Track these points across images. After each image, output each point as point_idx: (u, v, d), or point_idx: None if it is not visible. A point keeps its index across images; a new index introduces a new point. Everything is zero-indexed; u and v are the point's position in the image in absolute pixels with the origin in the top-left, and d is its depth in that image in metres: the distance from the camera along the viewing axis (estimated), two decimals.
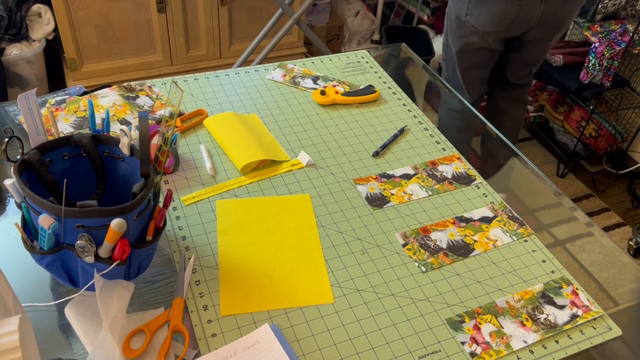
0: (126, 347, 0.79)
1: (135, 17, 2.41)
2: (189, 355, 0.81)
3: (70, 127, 1.17)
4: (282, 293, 0.91)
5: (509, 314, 0.92)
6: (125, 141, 0.85)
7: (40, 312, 0.85)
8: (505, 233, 1.06)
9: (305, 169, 1.16)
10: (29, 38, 2.42)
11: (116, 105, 1.24)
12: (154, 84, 1.33)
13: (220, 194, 1.08)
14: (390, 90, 1.42)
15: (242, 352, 0.81)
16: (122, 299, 0.83)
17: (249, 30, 2.68)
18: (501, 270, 0.99)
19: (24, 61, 2.36)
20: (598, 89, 2.50)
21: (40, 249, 0.81)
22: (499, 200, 1.14)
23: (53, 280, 0.90)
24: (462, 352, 0.86)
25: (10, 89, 2.38)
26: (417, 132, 1.29)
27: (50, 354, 0.80)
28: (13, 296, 0.70)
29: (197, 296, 0.89)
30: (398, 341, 0.86)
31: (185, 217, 1.02)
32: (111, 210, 0.76)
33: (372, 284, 0.94)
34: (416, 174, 1.18)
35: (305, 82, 1.41)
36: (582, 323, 0.92)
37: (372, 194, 1.12)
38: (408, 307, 0.91)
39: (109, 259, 0.79)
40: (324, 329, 0.87)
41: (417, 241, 1.03)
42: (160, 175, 0.87)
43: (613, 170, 2.70)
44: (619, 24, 2.40)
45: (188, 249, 0.96)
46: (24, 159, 0.82)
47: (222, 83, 1.38)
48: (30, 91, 0.83)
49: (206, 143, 1.19)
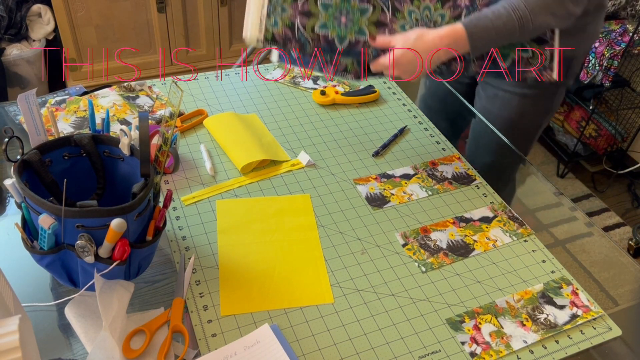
0: (126, 347, 0.79)
1: (135, 17, 2.41)
2: (189, 355, 0.81)
3: (70, 127, 1.17)
4: (282, 293, 0.91)
5: (509, 314, 0.92)
6: (125, 141, 0.85)
7: (40, 312, 0.85)
8: (505, 233, 1.06)
9: (305, 169, 1.16)
10: (29, 38, 2.42)
11: (116, 105, 1.24)
12: (154, 84, 1.33)
13: (220, 194, 1.08)
14: (390, 90, 1.42)
15: (242, 352, 0.81)
16: (122, 299, 0.83)
17: None
18: (501, 270, 0.99)
19: (24, 61, 2.36)
20: (598, 89, 2.50)
21: (40, 249, 0.81)
22: (499, 200, 1.13)
23: (53, 280, 0.90)
24: (462, 352, 0.86)
25: (10, 89, 2.38)
26: (417, 132, 1.29)
27: (50, 354, 0.80)
28: (13, 296, 0.70)
29: (197, 296, 0.89)
30: (398, 341, 0.86)
31: (185, 217, 1.02)
32: (111, 210, 0.76)
33: (372, 284, 0.94)
34: (416, 174, 1.18)
35: (305, 82, 1.41)
36: (582, 323, 0.92)
37: (372, 194, 1.12)
38: (408, 307, 0.91)
39: (109, 259, 0.79)
40: (324, 329, 0.87)
41: (417, 241, 1.03)
42: (160, 175, 0.87)
43: (613, 170, 2.70)
44: (619, 24, 2.40)
45: (188, 249, 0.96)
46: (24, 159, 0.82)
47: (222, 83, 1.38)
48: (30, 91, 0.83)
49: (206, 143, 1.19)
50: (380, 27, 1.03)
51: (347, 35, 1.02)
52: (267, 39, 1.02)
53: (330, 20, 1.01)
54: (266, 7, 1.00)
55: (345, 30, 1.02)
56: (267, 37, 1.02)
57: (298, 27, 1.01)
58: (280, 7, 1.01)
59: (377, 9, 1.03)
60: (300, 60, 1.09)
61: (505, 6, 0.98)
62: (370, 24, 1.02)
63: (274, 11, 1.00)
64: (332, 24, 1.01)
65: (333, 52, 1.04)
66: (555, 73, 1.07)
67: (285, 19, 1.01)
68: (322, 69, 1.08)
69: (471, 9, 1.02)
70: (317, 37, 1.02)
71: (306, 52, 1.04)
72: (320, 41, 1.02)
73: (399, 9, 1.02)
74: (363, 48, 1.03)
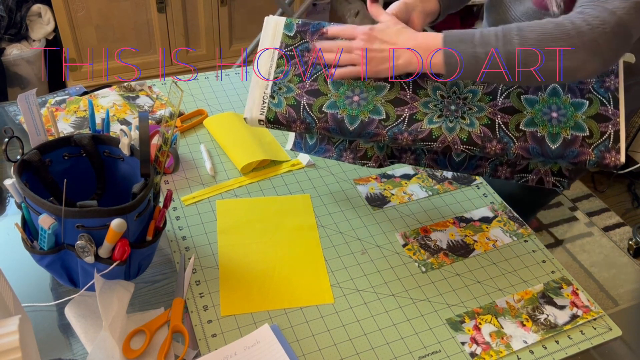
0: (126, 347, 0.79)
1: (135, 17, 2.40)
2: (189, 355, 0.81)
3: (70, 127, 1.17)
4: (282, 293, 0.91)
5: (509, 314, 0.92)
6: (125, 141, 0.85)
7: (40, 312, 0.85)
8: (505, 233, 1.06)
9: (305, 169, 1.16)
10: (29, 38, 2.42)
11: (116, 105, 1.24)
12: (154, 84, 1.33)
13: (220, 194, 1.08)
14: None
15: (242, 352, 0.81)
16: (122, 299, 0.83)
17: (249, 30, 2.68)
18: (501, 270, 0.99)
19: (24, 61, 2.36)
20: None
21: (40, 249, 0.81)
22: (499, 200, 1.13)
23: (53, 280, 0.90)
24: (462, 352, 0.86)
25: (10, 89, 2.38)
26: None
27: (50, 354, 0.80)
28: (13, 296, 0.70)
29: (197, 296, 0.89)
30: (398, 341, 0.86)
31: (185, 217, 1.02)
32: (111, 211, 0.76)
33: (372, 284, 0.94)
34: (416, 174, 1.18)
35: None
36: (582, 323, 0.92)
37: (372, 194, 1.12)
38: (408, 307, 0.91)
39: (109, 259, 0.79)
40: (324, 329, 0.87)
41: (417, 241, 1.03)
42: (160, 175, 0.87)
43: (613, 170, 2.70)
44: None
45: (188, 249, 0.96)
46: (24, 159, 0.82)
47: (222, 83, 1.38)
48: (30, 91, 0.82)
49: (206, 143, 1.19)
50: (398, 106, 0.90)
51: (359, 114, 0.90)
52: (269, 120, 0.92)
53: (341, 99, 0.91)
54: (270, 88, 0.93)
55: (357, 110, 0.90)
56: (270, 118, 0.92)
57: (304, 107, 0.91)
58: (285, 87, 0.93)
59: (396, 87, 0.91)
60: (316, 147, 1.01)
61: (497, 29, 0.81)
62: (387, 102, 0.91)
63: (278, 91, 0.92)
64: (343, 103, 0.91)
65: (343, 133, 0.91)
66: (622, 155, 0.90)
67: (290, 99, 0.92)
68: (341, 156, 0.98)
69: (504, 88, 0.92)
70: (324, 116, 0.90)
71: (312, 132, 0.93)
72: (329, 121, 0.90)
73: (421, 86, 0.92)
74: (377, 129, 0.89)
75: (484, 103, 0.91)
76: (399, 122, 0.89)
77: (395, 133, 0.89)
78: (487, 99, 0.91)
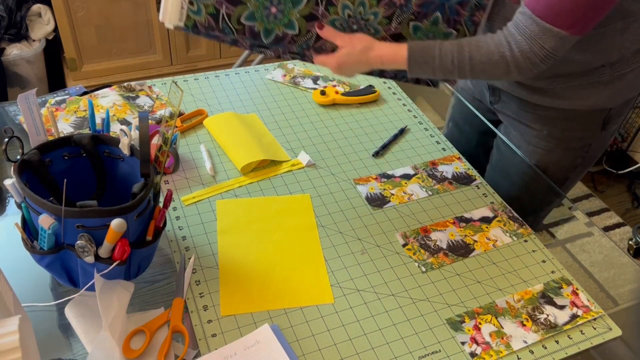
0: (126, 347, 0.79)
1: (135, 17, 2.41)
2: (189, 355, 0.81)
3: (70, 127, 1.17)
4: (282, 293, 0.91)
5: (509, 314, 0.92)
6: (125, 141, 0.85)
7: (40, 312, 0.85)
8: (505, 233, 1.06)
9: (305, 169, 1.16)
10: (29, 38, 2.42)
11: (116, 105, 1.24)
12: (154, 84, 1.33)
13: (220, 194, 1.08)
14: (390, 90, 1.42)
15: (242, 352, 0.81)
16: (122, 299, 0.83)
17: None
18: (501, 270, 0.99)
19: (24, 61, 2.36)
20: None
21: (40, 249, 0.81)
22: (499, 200, 1.13)
23: (53, 280, 0.90)
24: (462, 352, 0.86)
25: (10, 89, 2.38)
26: (417, 132, 1.29)
27: (50, 354, 0.80)
28: (13, 296, 0.70)
29: (197, 296, 0.89)
30: (398, 341, 0.86)
31: (185, 217, 1.02)
32: (111, 211, 0.76)
33: (372, 284, 0.94)
34: (416, 174, 1.18)
35: (305, 82, 1.41)
36: (582, 323, 0.92)
37: (372, 194, 1.12)
38: (408, 307, 0.91)
39: (109, 259, 0.79)
40: (324, 329, 0.87)
41: (417, 241, 1.03)
42: (160, 175, 0.87)
43: (613, 170, 2.70)
44: None
45: (188, 249, 0.96)
46: (24, 159, 0.82)
47: (222, 83, 1.38)
48: (30, 91, 0.83)
49: (206, 143, 1.19)
50: (310, 21, 0.97)
51: (274, 28, 0.96)
52: (187, 27, 0.94)
53: (260, 9, 0.94)
54: None
55: (273, 23, 0.96)
56: (188, 25, 0.94)
57: (223, 17, 0.93)
58: None
59: (311, 1, 0.96)
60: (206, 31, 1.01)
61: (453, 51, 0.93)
62: (301, 17, 0.96)
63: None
64: (261, 15, 0.94)
65: (260, 45, 0.99)
66: None
67: (209, 7, 0.93)
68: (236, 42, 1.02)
69: (405, 9, 0.98)
70: (242, 28, 0.95)
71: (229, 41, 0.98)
72: (246, 33, 0.96)
73: (333, 4, 0.96)
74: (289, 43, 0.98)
75: (381, 27, 1.00)
76: (309, 38, 0.99)
77: (304, 49, 1.01)
78: (385, 22, 1.00)
